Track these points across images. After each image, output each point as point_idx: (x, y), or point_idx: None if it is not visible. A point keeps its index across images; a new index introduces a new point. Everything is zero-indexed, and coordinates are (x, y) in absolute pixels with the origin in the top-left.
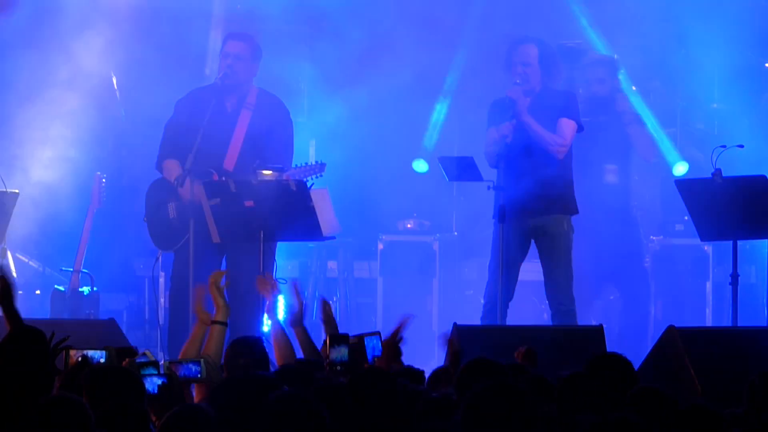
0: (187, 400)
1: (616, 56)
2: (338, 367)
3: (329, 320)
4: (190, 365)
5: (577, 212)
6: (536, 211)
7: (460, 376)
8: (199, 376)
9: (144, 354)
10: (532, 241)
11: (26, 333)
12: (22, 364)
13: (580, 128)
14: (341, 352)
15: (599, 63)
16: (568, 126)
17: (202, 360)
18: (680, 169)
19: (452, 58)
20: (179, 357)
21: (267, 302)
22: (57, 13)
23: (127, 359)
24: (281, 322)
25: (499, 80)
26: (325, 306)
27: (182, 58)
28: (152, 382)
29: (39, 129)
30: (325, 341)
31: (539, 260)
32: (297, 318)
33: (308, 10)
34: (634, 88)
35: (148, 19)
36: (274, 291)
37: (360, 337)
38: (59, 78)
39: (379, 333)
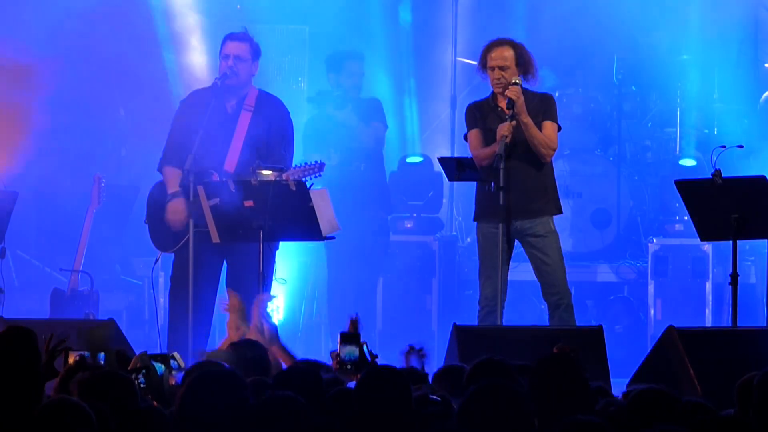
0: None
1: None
2: (348, 366)
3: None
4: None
5: (561, 212)
6: (526, 212)
7: (468, 377)
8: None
9: (172, 357)
10: (516, 242)
11: (15, 333)
12: (11, 364)
13: (559, 129)
14: (351, 351)
15: (352, 57)
16: (553, 129)
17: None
18: (687, 162)
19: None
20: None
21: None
22: (57, 14)
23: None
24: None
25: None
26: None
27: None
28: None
29: (39, 128)
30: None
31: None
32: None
33: (308, 9)
34: (633, 88)
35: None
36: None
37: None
38: (59, 78)
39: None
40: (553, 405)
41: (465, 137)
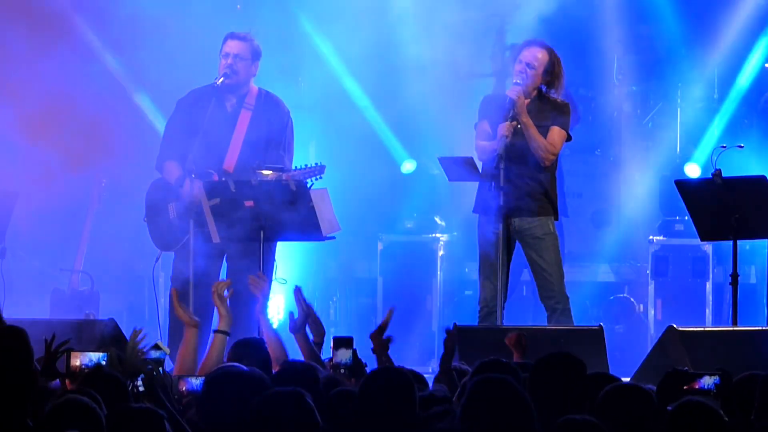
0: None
1: None
2: (342, 370)
3: (315, 324)
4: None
5: (557, 218)
6: (525, 212)
7: (473, 378)
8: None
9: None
10: (516, 242)
11: (5, 332)
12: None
13: (569, 139)
14: (345, 355)
15: None
16: (560, 135)
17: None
18: (692, 170)
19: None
20: (177, 363)
21: (258, 302)
22: (58, 15)
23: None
24: (273, 323)
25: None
26: (309, 310)
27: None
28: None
29: (39, 128)
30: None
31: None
32: (298, 324)
33: (309, 9)
34: (634, 88)
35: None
36: (266, 290)
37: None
38: (59, 78)
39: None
40: (553, 402)
41: (475, 126)
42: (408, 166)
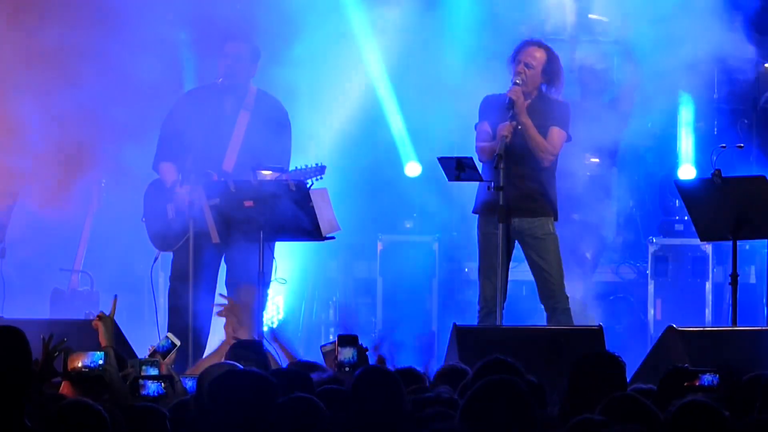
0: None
1: None
2: (347, 368)
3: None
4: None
5: (557, 219)
6: (525, 212)
7: (475, 377)
8: (164, 393)
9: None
10: (516, 242)
11: (1, 332)
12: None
13: (568, 139)
14: (350, 354)
15: None
16: (559, 135)
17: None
18: (687, 171)
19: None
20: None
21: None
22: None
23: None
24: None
25: (498, 78)
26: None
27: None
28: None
29: (39, 128)
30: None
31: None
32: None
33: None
34: None
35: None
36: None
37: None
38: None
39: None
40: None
41: (475, 127)
42: (412, 169)
